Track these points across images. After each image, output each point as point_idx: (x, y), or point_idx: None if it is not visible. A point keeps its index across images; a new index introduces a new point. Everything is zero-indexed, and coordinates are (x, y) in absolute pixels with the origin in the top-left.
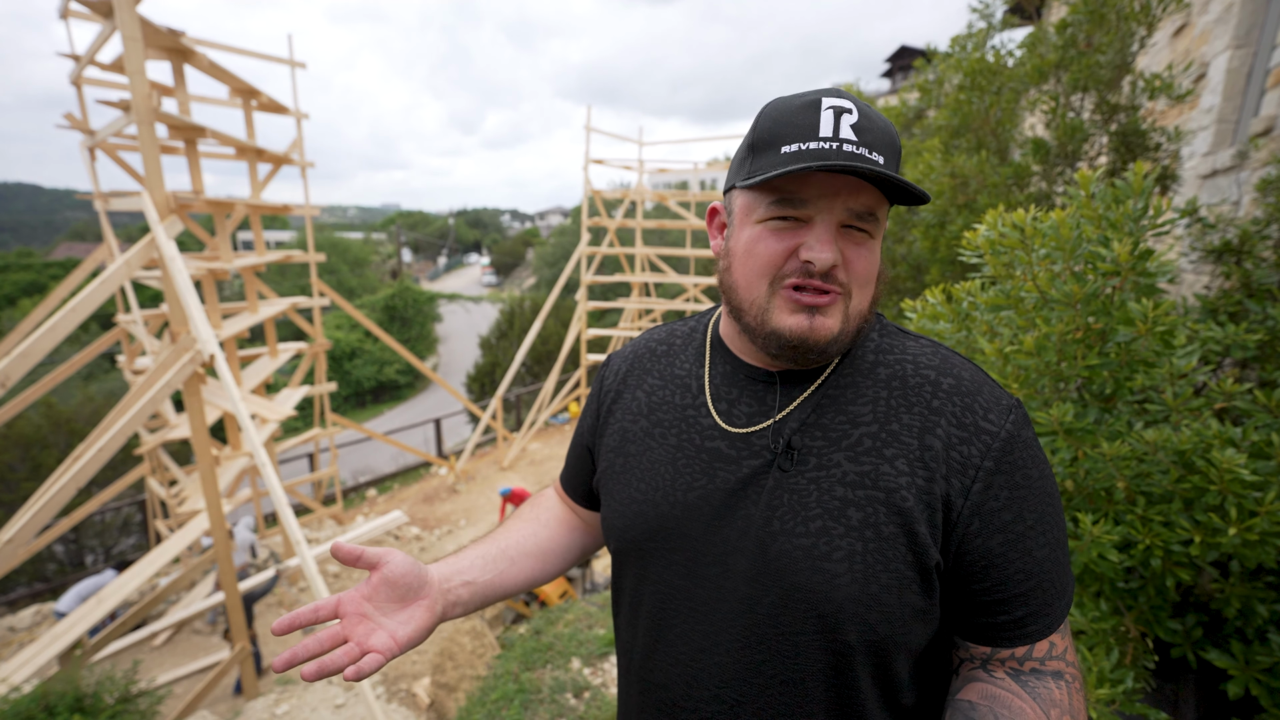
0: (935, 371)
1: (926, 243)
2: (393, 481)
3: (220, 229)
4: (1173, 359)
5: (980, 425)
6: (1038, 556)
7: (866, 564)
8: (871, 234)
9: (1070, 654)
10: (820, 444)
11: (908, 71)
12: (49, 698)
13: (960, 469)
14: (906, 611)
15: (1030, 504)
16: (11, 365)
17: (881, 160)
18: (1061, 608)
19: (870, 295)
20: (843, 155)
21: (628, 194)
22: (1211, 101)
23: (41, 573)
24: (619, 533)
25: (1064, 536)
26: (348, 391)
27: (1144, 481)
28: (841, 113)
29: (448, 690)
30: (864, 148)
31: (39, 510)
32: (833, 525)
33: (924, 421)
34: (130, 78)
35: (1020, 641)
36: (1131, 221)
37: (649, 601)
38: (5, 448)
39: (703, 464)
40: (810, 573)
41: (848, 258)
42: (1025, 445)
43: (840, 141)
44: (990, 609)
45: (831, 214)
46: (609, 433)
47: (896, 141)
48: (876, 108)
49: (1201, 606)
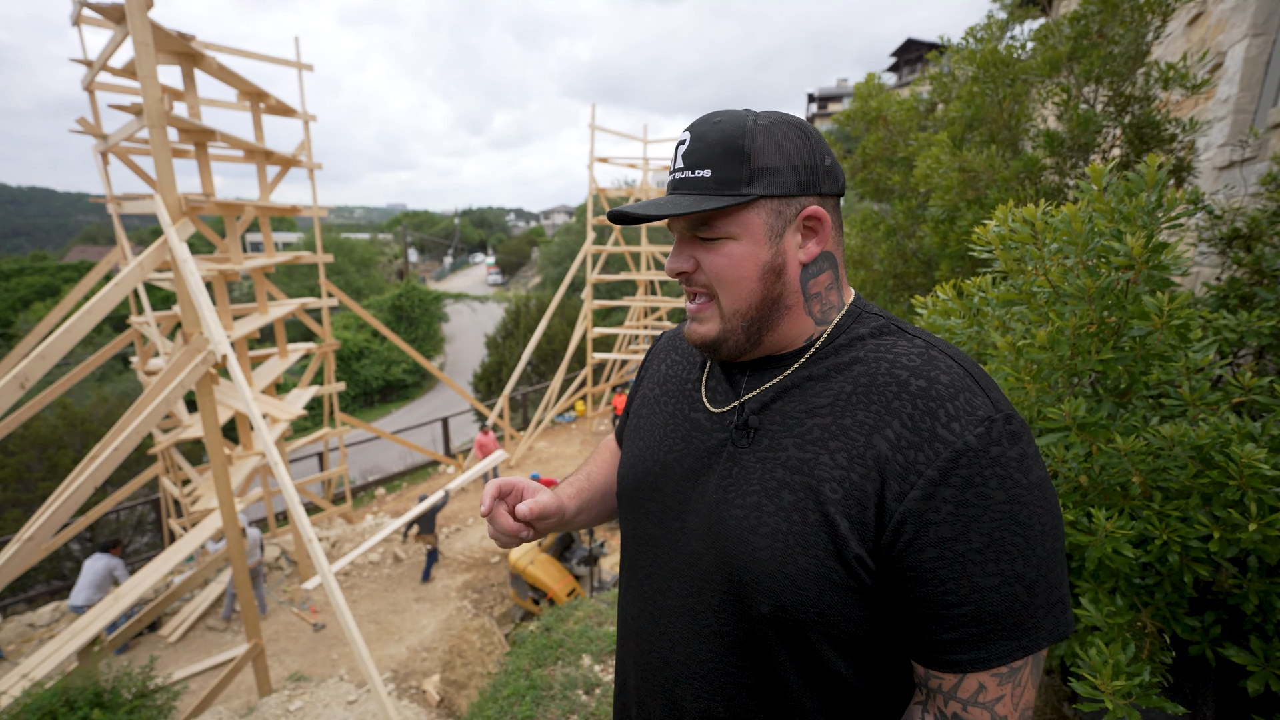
0: (909, 372)
1: (936, 238)
2: (401, 480)
3: (230, 231)
4: (1189, 352)
5: (937, 432)
6: (979, 584)
7: (787, 544)
8: (724, 237)
9: (1005, 707)
10: (776, 428)
11: (914, 65)
12: (69, 693)
13: (902, 473)
14: (824, 599)
15: (981, 526)
16: (30, 366)
17: (709, 172)
18: (1005, 648)
19: (747, 294)
20: (673, 184)
21: (632, 192)
22: (1228, 91)
23: (59, 570)
24: (621, 481)
25: (1036, 573)
26: (356, 391)
27: (1160, 477)
28: (679, 145)
29: (457, 687)
30: (688, 170)
31: (57, 509)
32: (765, 502)
33: (877, 419)
34: (142, 82)
35: (946, 668)
36: (1145, 214)
37: (630, 544)
38: (23, 448)
39: (684, 432)
40: (737, 541)
41: (701, 262)
42: (993, 462)
43: (676, 172)
44: (920, 624)
45: (679, 232)
46: (637, 397)
47: (733, 145)
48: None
49: (1220, 603)
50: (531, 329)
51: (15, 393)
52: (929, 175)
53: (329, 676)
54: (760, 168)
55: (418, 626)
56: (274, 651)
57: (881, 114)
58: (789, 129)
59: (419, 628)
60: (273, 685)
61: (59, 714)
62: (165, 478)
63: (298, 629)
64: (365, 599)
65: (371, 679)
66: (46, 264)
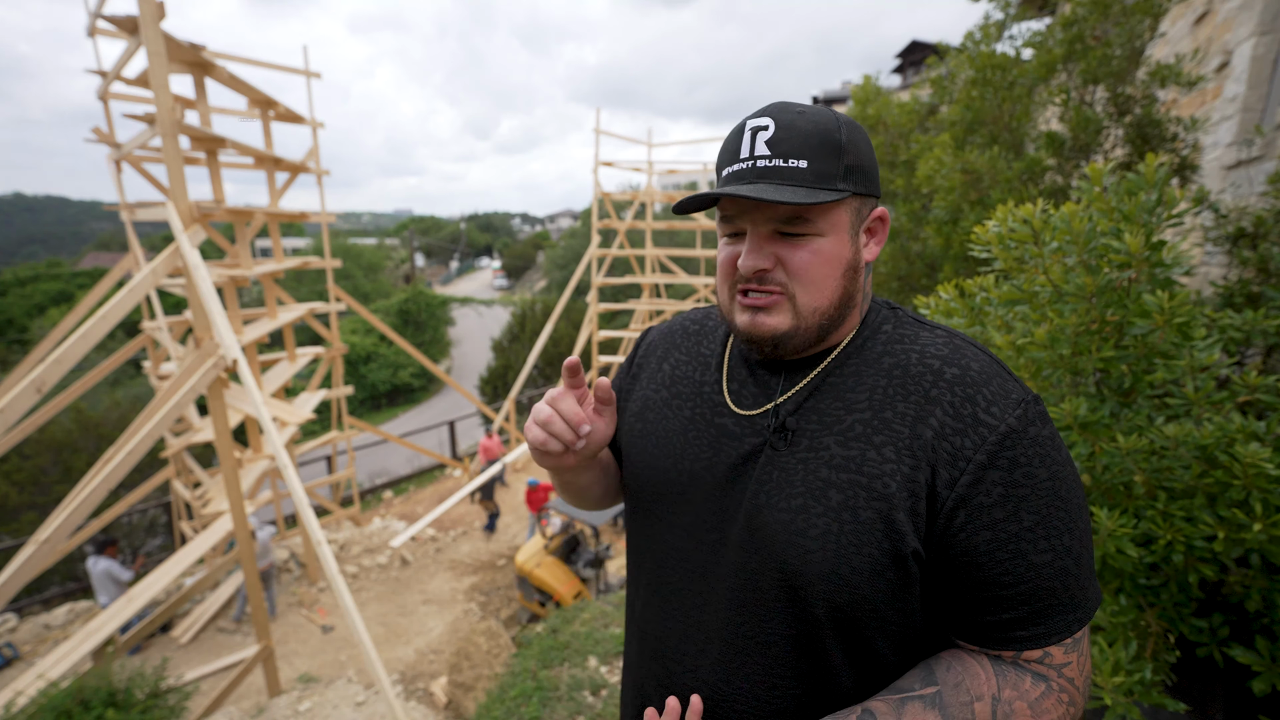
0: (940, 361)
1: (940, 240)
2: (409, 483)
3: (240, 237)
4: (1194, 351)
5: (979, 417)
6: (1034, 561)
7: (840, 544)
8: (814, 234)
9: (1071, 671)
10: (814, 427)
11: (918, 67)
12: (84, 693)
13: (950, 460)
14: (879, 595)
15: (1030, 504)
16: (47, 371)
17: (805, 163)
18: (1063, 622)
19: (829, 291)
20: (755, 172)
21: (637, 195)
22: (1235, 90)
23: (74, 572)
24: (633, 493)
25: (1080, 545)
26: (364, 395)
27: (1165, 477)
28: (758, 131)
29: (465, 689)
30: (779, 159)
31: (72, 512)
32: (812, 504)
33: (918, 410)
34: (154, 91)
35: (1006, 646)
36: (1145, 213)
37: (651, 559)
38: (38, 451)
39: (710, 438)
40: (786, 546)
41: (783, 259)
42: (1033, 442)
43: (754, 159)
44: (976, 607)
45: (756, 225)
46: (634, 397)
47: (831, 137)
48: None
49: (1228, 605)
50: (537, 332)
51: (31, 397)
52: (931, 177)
53: (338, 678)
54: (851, 165)
55: (425, 629)
56: (283, 653)
57: (881, 119)
58: (861, 129)
59: (426, 630)
60: (282, 686)
61: (74, 714)
62: (177, 481)
63: (306, 631)
64: (373, 601)
65: (380, 680)
66: (61, 270)
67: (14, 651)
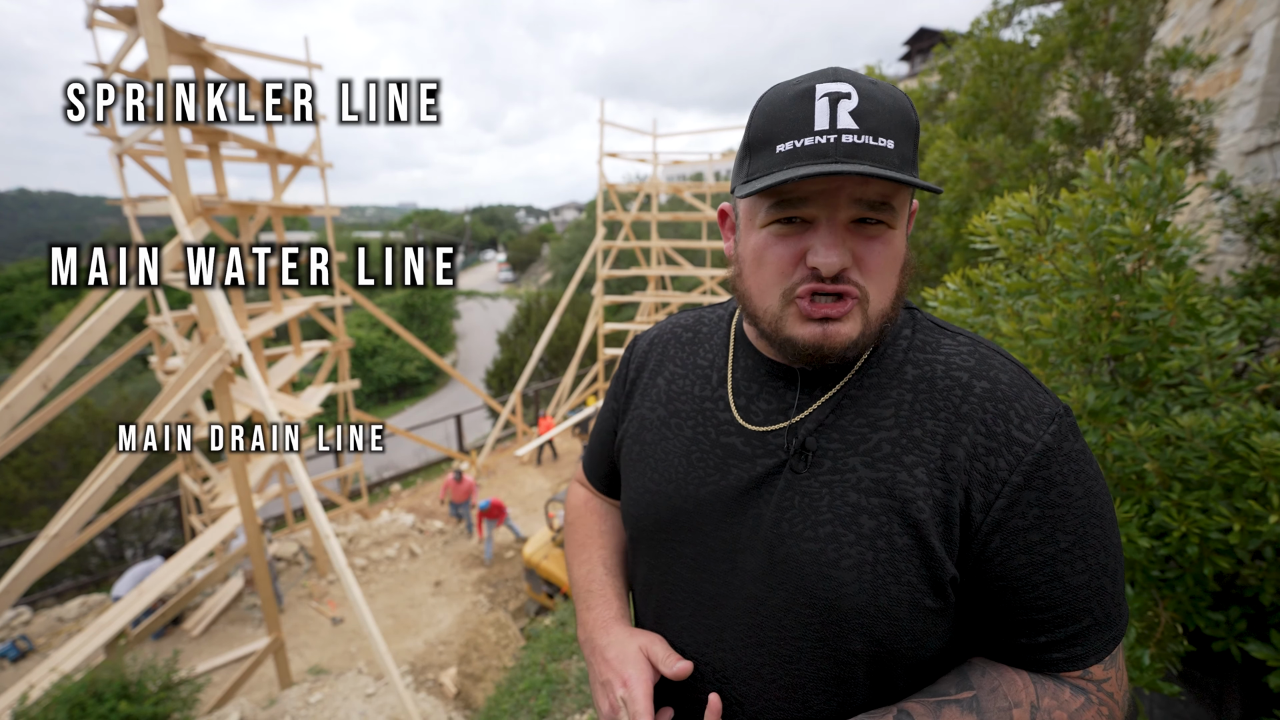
0: (968, 374)
1: (949, 230)
2: (416, 476)
3: (244, 231)
4: (1210, 339)
5: (1013, 435)
6: (1071, 583)
7: (876, 575)
8: (889, 224)
9: (1110, 685)
10: (837, 446)
11: (927, 54)
12: (97, 685)
13: (984, 482)
14: (917, 625)
15: (1067, 525)
16: (52, 367)
17: (892, 144)
18: (1101, 641)
19: (892, 291)
20: (842, 149)
21: (642, 187)
22: (1255, 74)
23: (85, 566)
24: (633, 521)
25: (1115, 561)
26: (370, 389)
27: (1180, 467)
28: (839, 99)
29: (474, 680)
30: (867, 135)
31: (82, 506)
32: (843, 532)
33: (949, 428)
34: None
35: (1043, 669)
36: (1150, 197)
37: (657, 591)
38: (47, 446)
39: (717, 459)
40: (816, 579)
41: (860, 256)
42: (1068, 459)
43: (839, 133)
44: (1012, 630)
45: (835, 211)
46: (630, 418)
47: (910, 118)
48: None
49: (1246, 599)
50: (543, 325)
51: (39, 393)
52: (937, 168)
53: (348, 669)
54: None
55: (434, 620)
56: (294, 645)
57: None
58: None
59: (435, 621)
60: (293, 678)
61: (87, 705)
62: (185, 475)
63: (317, 623)
64: (382, 593)
65: (389, 672)
66: None
67: (29, 644)
